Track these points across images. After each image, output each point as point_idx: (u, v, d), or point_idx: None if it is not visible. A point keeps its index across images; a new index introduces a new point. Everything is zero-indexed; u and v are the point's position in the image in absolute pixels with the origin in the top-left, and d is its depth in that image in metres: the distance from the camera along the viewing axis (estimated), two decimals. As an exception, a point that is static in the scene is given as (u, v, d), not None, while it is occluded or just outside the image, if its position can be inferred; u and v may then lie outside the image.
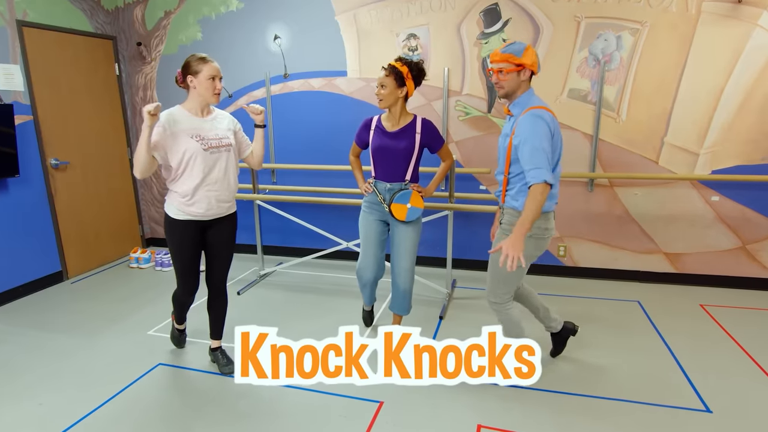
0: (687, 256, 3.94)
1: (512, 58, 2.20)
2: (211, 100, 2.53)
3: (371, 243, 2.89)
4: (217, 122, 2.60)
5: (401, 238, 2.82)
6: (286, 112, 4.54)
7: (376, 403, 2.50)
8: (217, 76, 2.51)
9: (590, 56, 3.77)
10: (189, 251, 2.62)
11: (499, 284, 2.45)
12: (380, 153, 2.76)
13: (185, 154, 2.45)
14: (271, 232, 4.85)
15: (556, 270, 4.23)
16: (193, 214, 2.54)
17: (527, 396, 2.54)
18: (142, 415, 2.45)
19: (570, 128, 3.91)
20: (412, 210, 2.74)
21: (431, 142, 2.78)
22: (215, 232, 2.67)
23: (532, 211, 2.11)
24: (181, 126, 2.46)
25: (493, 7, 3.87)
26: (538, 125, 2.16)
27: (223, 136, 2.58)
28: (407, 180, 2.78)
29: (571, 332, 2.82)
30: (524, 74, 2.25)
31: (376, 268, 2.93)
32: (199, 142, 2.47)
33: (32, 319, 3.56)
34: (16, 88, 3.88)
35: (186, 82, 2.50)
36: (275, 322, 3.45)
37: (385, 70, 2.65)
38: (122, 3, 4.75)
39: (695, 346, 3.03)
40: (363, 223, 2.92)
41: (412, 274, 2.88)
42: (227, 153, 2.58)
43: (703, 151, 3.73)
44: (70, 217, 4.39)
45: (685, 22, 3.57)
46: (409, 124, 2.74)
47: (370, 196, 2.86)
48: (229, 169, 2.60)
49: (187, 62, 2.49)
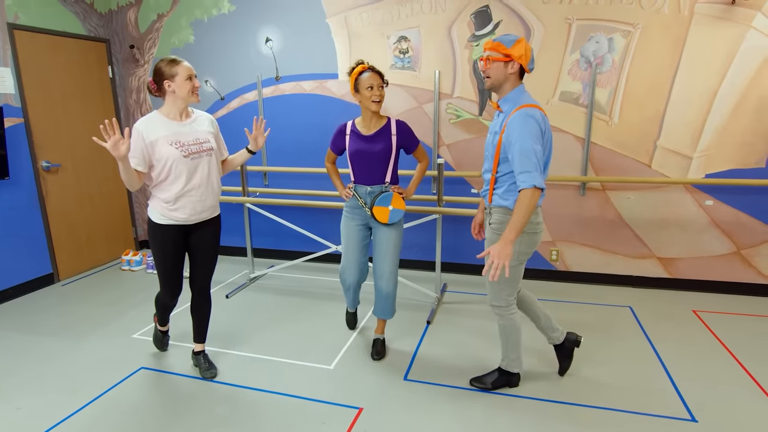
0: (680, 260, 3.88)
1: (501, 47, 2.15)
2: (192, 100, 2.50)
3: (353, 248, 2.88)
4: (196, 125, 2.56)
5: (383, 241, 2.80)
6: (277, 115, 4.53)
7: (356, 410, 2.47)
8: (193, 74, 2.47)
9: (582, 58, 3.73)
10: (172, 255, 2.60)
11: (501, 287, 2.39)
12: (358, 157, 2.75)
13: (166, 162, 2.42)
14: (262, 234, 4.83)
15: (548, 274, 4.19)
16: (176, 219, 2.52)
17: (512, 404, 2.50)
18: (120, 420, 2.43)
19: (561, 131, 3.87)
20: (394, 212, 2.74)
21: (407, 143, 2.77)
22: (199, 235, 2.65)
23: (521, 216, 2.06)
24: (159, 133, 2.42)
25: (484, 9, 3.84)
26: (529, 125, 2.11)
27: (203, 139, 2.54)
28: (387, 182, 2.77)
29: (574, 344, 2.66)
30: (512, 67, 2.18)
31: (358, 271, 2.93)
32: (178, 149, 2.43)
33: (19, 322, 3.55)
34: (7, 91, 3.88)
35: (162, 89, 2.45)
36: (262, 325, 3.43)
37: (376, 72, 2.65)
38: (115, 6, 4.76)
39: (685, 352, 2.97)
40: (345, 228, 2.91)
41: (395, 277, 2.86)
42: (208, 157, 2.55)
43: (697, 154, 3.67)
44: (62, 220, 4.39)
45: (678, 23, 3.52)
46: (384, 127, 2.73)
47: (351, 201, 2.84)
48: (211, 173, 2.57)
49: (158, 68, 2.43)
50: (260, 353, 3.05)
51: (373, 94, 2.62)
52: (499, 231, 2.31)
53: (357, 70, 2.67)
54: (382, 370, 2.83)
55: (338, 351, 3.06)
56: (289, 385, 2.69)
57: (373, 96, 2.62)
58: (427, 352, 3.03)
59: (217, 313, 3.64)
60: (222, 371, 2.85)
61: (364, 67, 2.66)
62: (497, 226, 2.32)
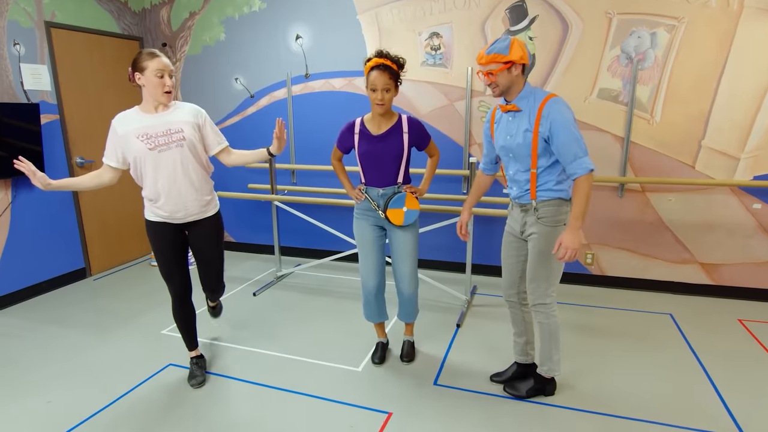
0: (725, 267, 3.69)
1: (499, 57, 2.11)
2: (162, 100, 2.32)
3: (370, 251, 2.69)
4: (171, 115, 2.36)
5: (400, 243, 2.65)
6: (306, 113, 4.50)
7: (385, 414, 2.40)
8: (166, 71, 2.27)
9: (622, 54, 3.58)
10: (167, 252, 2.51)
11: (550, 282, 2.34)
12: (368, 158, 2.57)
13: (136, 158, 2.32)
14: (290, 233, 4.82)
15: (583, 278, 4.04)
16: (162, 216, 2.44)
17: (545, 413, 2.40)
18: (148, 417, 2.42)
19: (600, 130, 3.73)
20: (409, 213, 2.60)
21: (419, 141, 2.59)
22: (194, 234, 2.56)
23: (585, 202, 2.09)
24: (129, 126, 2.31)
25: (519, 3, 3.73)
26: (568, 112, 2.13)
27: (175, 129, 2.33)
28: (400, 182, 2.61)
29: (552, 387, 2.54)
30: (515, 69, 2.15)
31: (379, 274, 2.73)
32: (144, 141, 2.29)
33: (50, 315, 3.61)
34: (44, 88, 3.95)
35: (135, 80, 2.30)
36: (289, 324, 3.40)
37: (385, 70, 2.38)
38: (149, 4, 4.80)
39: (731, 364, 2.81)
40: (358, 230, 2.71)
41: (416, 278, 2.74)
42: (179, 149, 2.34)
43: (744, 155, 3.48)
44: (95, 215, 4.46)
45: (726, 17, 3.34)
46: (395, 125, 2.53)
47: (362, 203, 2.67)
48: (186, 166, 2.37)
49: (135, 57, 2.27)
50: (287, 353, 3.01)
51: (375, 97, 2.40)
52: (552, 224, 2.25)
53: (368, 65, 2.42)
54: (411, 375, 2.76)
55: (366, 353, 3.00)
56: (317, 387, 2.64)
57: (375, 99, 2.41)
58: (457, 357, 2.94)
59: (244, 311, 3.63)
60: (249, 370, 2.82)
61: (377, 62, 2.39)
62: (549, 219, 2.25)
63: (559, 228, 2.25)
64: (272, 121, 4.60)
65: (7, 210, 3.74)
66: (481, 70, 2.19)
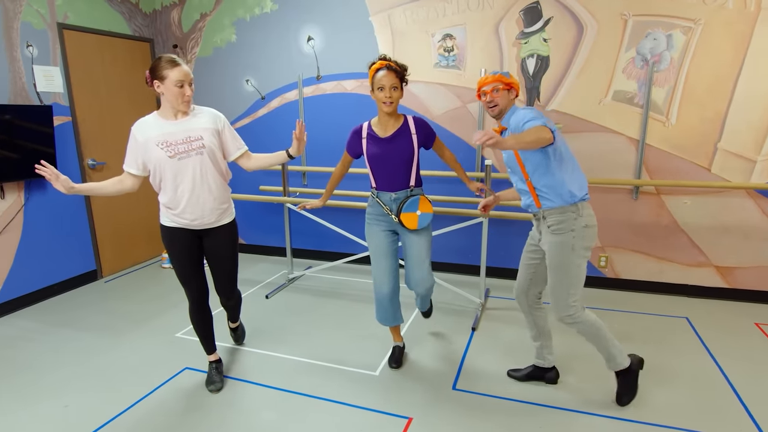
0: (741, 270, 3.67)
1: (503, 78, 2.31)
2: (181, 108, 2.31)
3: (384, 256, 2.66)
4: (191, 122, 2.35)
5: (415, 247, 2.63)
6: (318, 114, 4.48)
7: (405, 419, 2.39)
8: (186, 80, 2.25)
9: (638, 56, 3.56)
10: (183, 257, 2.49)
11: (570, 293, 2.29)
12: (378, 162, 2.56)
13: (156, 166, 2.31)
14: (302, 235, 4.80)
15: (596, 281, 4.02)
16: (180, 223, 2.43)
17: (567, 419, 2.38)
18: (165, 421, 2.40)
19: (614, 132, 3.71)
20: (423, 216, 2.57)
21: (427, 140, 2.59)
22: (210, 242, 2.54)
23: (520, 141, 1.96)
24: (149, 134, 2.30)
25: (534, 5, 3.71)
26: (520, 110, 2.26)
27: (195, 137, 2.33)
28: (412, 186, 2.59)
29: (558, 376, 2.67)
30: (512, 93, 2.35)
31: (393, 279, 2.69)
32: (164, 149, 2.28)
33: (62, 318, 3.60)
34: (56, 90, 3.95)
35: (154, 87, 2.28)
36: (304, 328, 3.38)
37: (392, 71, 2.42)
38: (160, 6, 4.80)
39: (751, 369, 2.79)
40: (371, 236, 2.69)
41: (431, 278, 2.72)
42: (199, 156, 2.33)
43: (761, 158, 3.46)
44: (106, 217, 4.45)
45: (743, 19, 3.32)
46: (402, 127, 2.53)
47: (374, 208, 2.65)
48: (206, 174, 2.36)
49: (154, 64, 2.25)
50: (304, 357, 3.00)
51: (383, 95, 2.42)
52: (560, 231, 2.25)
53: (374, 68, 2.46)
54: (429, 379, 2.74)
55: (382, 357, 2.98)
56: (336, 391, 2.63)
57: (383, 98, 2.42)
58: (474, 361, 2.92)
59: (258, 315, 3.62)
60: (266, 375, 2.81)
61: (382, 64, 2.43)
62: (557, 227, 2.26)
63: (568, 235, 2.23)
64: (283, 122, 4.60)
65: (20, 212, 3.73)
66: (486, 90, 2.32)
